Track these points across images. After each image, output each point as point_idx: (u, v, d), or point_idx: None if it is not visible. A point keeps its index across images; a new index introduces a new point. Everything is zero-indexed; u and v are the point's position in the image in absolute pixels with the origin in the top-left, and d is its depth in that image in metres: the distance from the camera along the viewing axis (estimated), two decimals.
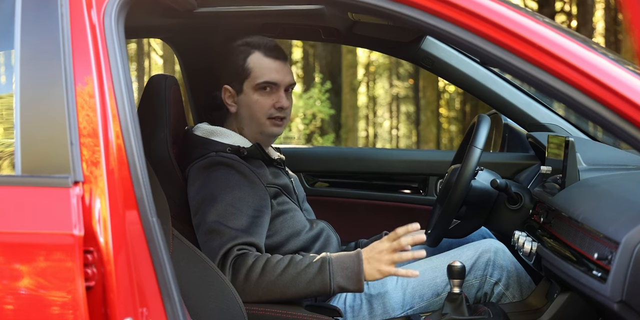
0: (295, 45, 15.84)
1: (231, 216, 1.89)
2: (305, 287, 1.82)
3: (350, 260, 1.84)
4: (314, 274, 1.81)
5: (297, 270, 1.82)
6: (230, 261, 1.83)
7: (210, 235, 1.88)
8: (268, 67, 2.06)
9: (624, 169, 2.06)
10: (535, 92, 2.69)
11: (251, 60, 2.06)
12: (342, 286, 1.82)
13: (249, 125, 2.09)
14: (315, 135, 12.59)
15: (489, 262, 2.03)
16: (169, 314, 1.31)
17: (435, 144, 13.69)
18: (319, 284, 1.81)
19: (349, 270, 1.82)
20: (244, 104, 2.07)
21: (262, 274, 1.81)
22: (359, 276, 1.82)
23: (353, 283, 1.82)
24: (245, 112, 2.08)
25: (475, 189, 2.11)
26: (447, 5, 1.36)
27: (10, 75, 1.38)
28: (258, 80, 2.05)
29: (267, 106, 2.06)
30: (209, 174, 1.96)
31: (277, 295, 1.83)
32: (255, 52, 2.06)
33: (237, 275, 1.82)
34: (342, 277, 1.81)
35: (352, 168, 2.85)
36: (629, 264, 1.32)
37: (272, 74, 2.05)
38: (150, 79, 2.04)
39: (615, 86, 1.29)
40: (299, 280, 1.82)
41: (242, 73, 2.06)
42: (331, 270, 1.82)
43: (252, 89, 2.06)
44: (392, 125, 23.58)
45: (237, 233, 1.86)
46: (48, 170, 1.29)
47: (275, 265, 1.83)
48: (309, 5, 2.24)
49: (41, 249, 1.25)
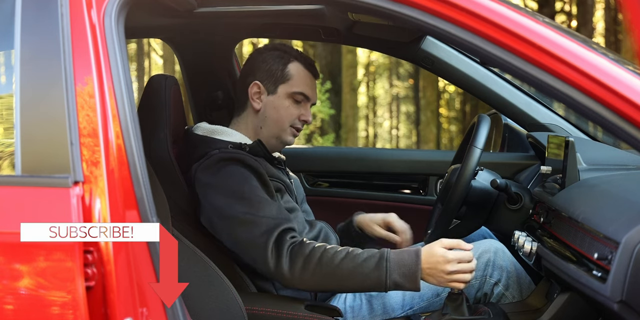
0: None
1: (259, 205, 1.89)
2: (361, 282, 1.80)
3: (409, 257, 1.81)
4: (371, 270, 1.79)
5: (354, 264, 1.80)
6: (287, 249, 1.83)
7: (247, 226, 1.87)
8: (307, 80, 2.10)
9: (624, 169, 2.06)
10: (535, 92, 2.69)
11: (292, 67, 2.08)
12: (398, 283, 1.80)
13: (270, 126, 2.10)
14: (315, 135, 12.57)
15: (488, 263, 2.03)
16: (169, 314, 1.31)
17: (435, 144, 13.69)
18: (375, 280, 1.79)
19: (406, 268, 1.80)
20: (272, 105, 2.08)
21: (319, 264, 1.81)
22: (415, 275, 1.79)
23: (409, 281, 1.79)
24: (272, 113, 2.09)
25: (475, 189, 2.11)
26: (447, 5, 1.36)
27: (10, 75, 1.38)
28: (295, 88, 2.07)
29: (294, 115, 2.09)
30: (219, 170, 1.95)
31: (333, 287, 1.85)
32: (296, 62, 2.09)
33: (295, 264, 1.81)
34: (399, 275, 1.79)
35: (352, 168, 2.85)
36: (629, 264, 1.32)
37: (308, 88, 2.10)
38: (150, 79, 2.04)
39: (615, 86, 1.29)
40: (355, 273, 1.80)
41: (280, 76, 2.07)
42: (388, 267, 1.79)
43: (286, 94, 2.08)
44: (392, 125, 23.58)
45: (274, 220, 1.86)
46: (48, 170, 1.29)
47: (332, 256, 1.81)
48: (309, 5, 2.25)
49: (41, 249, 1.25)
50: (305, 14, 2.33)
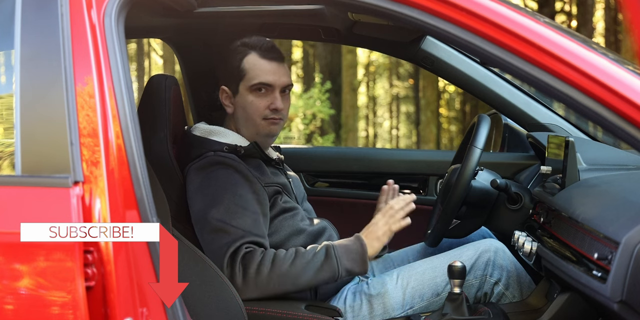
0: (295, 45, 15.83)
1: (235, 215, 1.89)
2: (315, 275, 1.87)
3: (352, 243, 1.92)
4: (322, 261, 1.87)
5: (306, 260, 1.87)
6: (240, 258, 1.84)
7: (216, 234, 1.88)
8: (263, 68, 2.05)
9: (624, 169, 2.06)
10: (535, 92, 2.69)
11: (247, 61, 2.05)
12: (349, 269, 1.89)
13: (245, 126, 2.09)
14: (315, 135, 12.57)
15: (488, 262, 2.03)
16: (168, 314, 1.31)
17: (435, 144, 13.69)
18: (328, 270, 1.87)
19: (354, 252, 1.90)
20: (239, 105, 2.07)
21: (272, 267, 1.85)
22: (363, 257, 1.90)
23: (359, 264, 1.90)
24: (241, 113, 2.08)
25: (475, 189, 2.11)
26: (447, 5, 1.36)
27: (10, 75, 1.38)
28: (252, 81, 2.04)
29: (261, 107, 2.05)
30: (208, 174, 1.96)
31: (289, 287, 1.86)
32: (251, 53, 2.06)
33: (248, 271, 1.83)
34: (348, 260, 1.89)
35: (352, 168, 2.85)
36: (629, 264, 1.32)
37: (266, 76, 2.05)
38: (150, 79, 2.04)
39: (615, 86, 1.29)
40: (308, 268, 1.86)
41: (237, 74, 2.06)
42: (337, 255, 1.88)
43: (247, 90, 2.05)
44: (392, 125, 23.57)
45: (243, 232, 1.88)
46: (48, 170, 1.29)
47: (283, 258, 1.87)
48: (309, 5, 2.24)
49: (41, 249, 1.25)
50: (305, 14, 2.33)
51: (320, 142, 12.16)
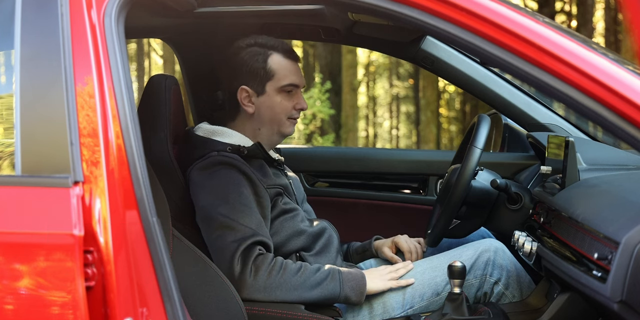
0: (295, 45, 15.83)
1: (241, 213, 1.90)
2: (320, 292, 1.90)
3: (356, 273, 1.96)
4: (328, 281, 1.91)
5: (313, 275, 1.91)
6: (252, 258, 1.86)
7: (223, 230, 1.89)
8: (290, 69, 2.08)
9: (624, 169, 2.06)
10: (535, 92, 2.69)
11: (272, 62, 2.06)
12: (347, 296, 1.92)
13: (268, 125, 2.10)
14: (315, 135, 12.57)
15: (488, 262, 2.03)
16: (169, 314, 1.31)
17: (435, 144, 13.69)
18: (331, 289, 1.90)
19: (355, 282, 1.93)
20: (265, 105, 2.08)
21: (283, 274, 1.87)
22: (362, 289, 1.94)
23: (356, 294, 1.93)
24: (267, 113, 2.08)
25: (475, 189, 2.11)
26: (447, 5, 1.36)
27: (10, 75, 1.38)
28: (283, 82, 2.06)
29: (289, 107, 2.09)
30: (211, 173, 1.96)
31: (294, 297, 1.88)
32: (274, 54, 2.07)
33: (259, 272, 1.85)
34: (349, 288, 1.92)
35: (352, 168, 2.85)
36: (629, 264, 1.32)
37: (293, 76, 2.08)
38: (150, 79, 2.04)
39: (615, 86, 1.29)
40: (315, 283, 1.89)
41: (264, 75, 2.06)
42: (341, 279, 1.92)
43: (275, 91, 2.07)
44: (392, 125, 23.58)
45: (252, 231, 1.89)
46: (48, 170, 1.29)
47: (292, 268, 1.90)
48: (309, 5, 2.24)
49: (41, 249, 1.25)
50: (305, 14, 2.33)
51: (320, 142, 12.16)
